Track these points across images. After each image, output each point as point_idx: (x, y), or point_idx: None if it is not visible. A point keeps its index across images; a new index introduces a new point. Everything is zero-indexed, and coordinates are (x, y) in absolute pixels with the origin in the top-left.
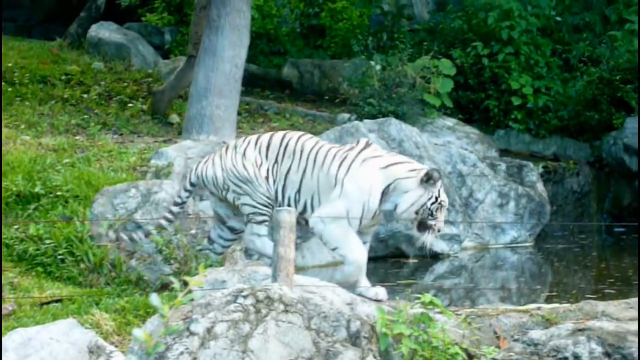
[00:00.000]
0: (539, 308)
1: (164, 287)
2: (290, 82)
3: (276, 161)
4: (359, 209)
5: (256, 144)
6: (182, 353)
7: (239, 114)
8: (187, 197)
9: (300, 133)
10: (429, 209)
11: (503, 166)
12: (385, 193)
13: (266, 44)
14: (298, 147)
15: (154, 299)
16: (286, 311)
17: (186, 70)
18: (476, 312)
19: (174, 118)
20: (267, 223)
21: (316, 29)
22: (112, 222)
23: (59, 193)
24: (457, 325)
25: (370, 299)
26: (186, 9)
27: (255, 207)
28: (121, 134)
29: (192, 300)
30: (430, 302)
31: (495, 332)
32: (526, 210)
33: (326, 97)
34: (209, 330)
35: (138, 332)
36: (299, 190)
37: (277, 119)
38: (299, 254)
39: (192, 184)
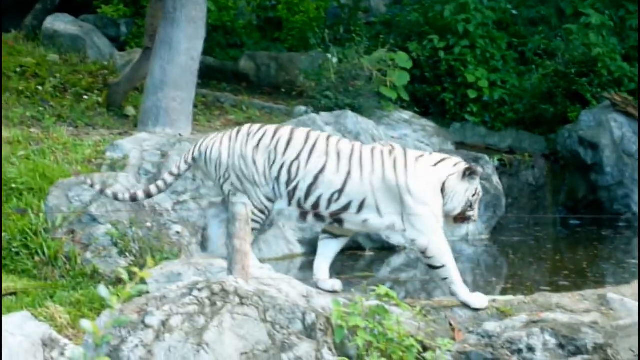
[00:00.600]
0: (494, 300)
1: (120, 280)
2: (247, 74)
3: (298, 158)
4: (440, 207)
5: (273, 136)
6: (136, 346)
7: (195, 106)
8: (185, 171)
9: (326, 133)
10: (470, 201)
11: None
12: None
13: (223, 36)
14: (332, 147)
15: (102, 290)
16: (242, 304)
17: (142, 63)
18: (432, 305)
19: (130, 110)
20: (256, 232)
21: (273, 22)
22: (67, 214)
23: (13, 185)
24: (413, 318)
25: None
26: (142, 1)
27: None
28: (76, 127)
29: (146, 292)
30: (386, 295)
31: (450, 324)
32: (482, 203)
33: (283, 90)
34: (164, 323)
35: (86, 324)
36: (340, 191)
37: (234, 111)
38: (256, 246)
39: (193, 159)
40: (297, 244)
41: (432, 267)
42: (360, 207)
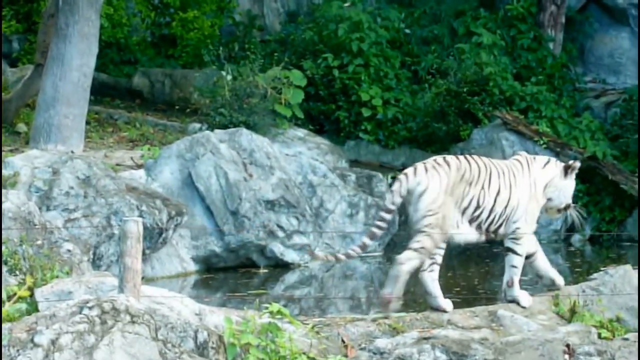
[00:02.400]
0: (386, 317)
1: (9, 298)
2: (141, 91)
3: (484, 186)
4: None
5: (470, 168)
6: None
7: (87, 123)
8: (399, 205)
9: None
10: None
11: (353, 177)
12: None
13: (116, 52)
14: (494, 169)
15: None
16: (132, 322)
17: (34, 79)
18: (324, 322)
19: (21, 127)
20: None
21: (167, 39)
22: None
23: None
24: (305, 335)
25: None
26: (34, 17)
27: (435, 244)
28: None
29: (36, 311)
30: (279, 312)
31: (343, 341)
32: (375, 220)
33: (177, 107)
34: (53, 341)
35: None
36: (506, 207)
37: (127, 128)
38: (149, 264)
39: (409, 191)
40: (191, 262)
41: (513, 252)
42: (516, 216)
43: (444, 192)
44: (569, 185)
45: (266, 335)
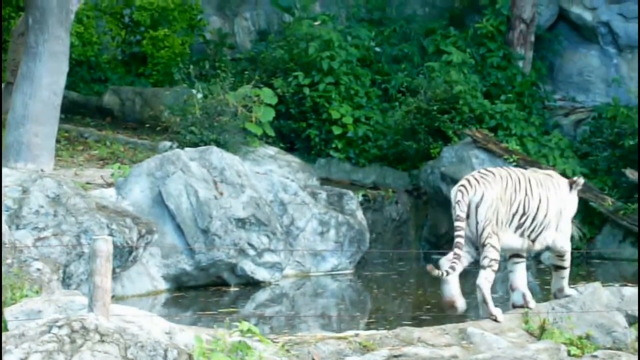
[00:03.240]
0: (356, 335)
1: None
2: (112, 109)
3: (526, 194)
4: None
5: (518, 178)
6: None
7: (57, 141)
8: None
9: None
10: None
11: (324, 194)
12: None
13: (87, 71)
14: (534, 179)
15: None
16: (102, 341)
17: (3, 97)
18: (295, 340)
19: None
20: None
21: (138, 57)
22: None
23: None
24: (275, 353)
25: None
26: (5, 36)
27: (498, 252)
28: None
29: (5, 330)
30: (249, 330)
31: (313, 359)
32: (346, 238)
33: (147, 125)
34: None
35: None
36: (545, 215)
37: (98, 146)
38: (119, 283)
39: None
40: (162, 280)
41: (559, 268)
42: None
43: (498, 198)
44: (574, 200)
45: (236, 353)
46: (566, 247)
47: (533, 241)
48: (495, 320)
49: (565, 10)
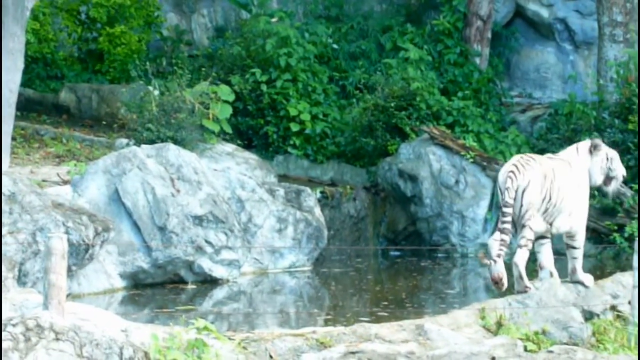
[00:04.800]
0: (314, 331)
1: None
2: (68, 106)
3: (552, 182)
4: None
5: (548, 165)
6: None
7: (13, 139)
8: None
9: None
10: (606, 166)
11: (281, 191)
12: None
13: (43, 68)
14: (556, 167)
15: None
16: (57, 339)
17: None
18: (252, 337)
19: None
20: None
21: (94, 54)
22: None
23: None
24: (232, 350)
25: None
26: None
27: (534, 233)
28: None
29: None
30: (205, 328)
31: (270, 356)
32: (304, 234)
33: (104, 122)
34: None
35: None
36: (563, 199)
37: (54, 144)
38: (75, 281)
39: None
40: (118, 278)
41: (570, 247)
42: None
43: (540, 184)
44: (596, 163)
45: (192, 351)
46: (576, 228)
47: (550, 224)
48: (526, 291)
49: (522, 7)
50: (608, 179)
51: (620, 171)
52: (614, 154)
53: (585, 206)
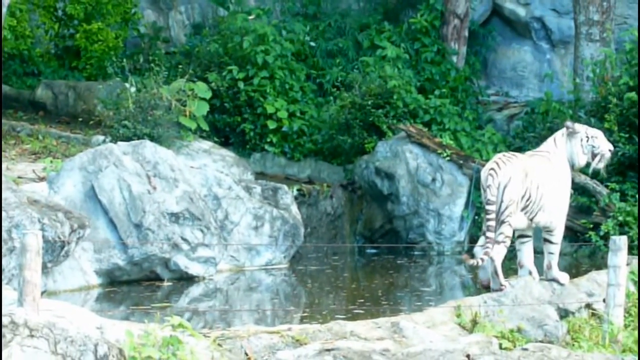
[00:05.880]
0: (289, 329)
1: None
2: (44, 103)
3: (533, 179)
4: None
5: (529, 163)
6: None
7: None
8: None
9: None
10: (589, 145)
11: (258, 189)
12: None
13: (19, 64)
14: (536, 163)
15: None
16: (31, 336)
17: None
18: (227, 334)
19: None
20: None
21: (71, 50)
22: None
23: None
24: (207, 347)
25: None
26: None
27: (512, 230)
28: None
29: None
30: (180, 325)
31: (246, 354)
32: (281, 232)
33: (80, 119)
34: None
35: None
36: (541, 196)
37: (30, 140)
38: (51, 278)
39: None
40: (94, 275)
41: (547, 241)
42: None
43: (520, 181)
44: (576, 145)
45: (167, 348)
46: (556, 223)
47: (531, 220)
48: (501, 289)
49: (499, 5)
50: (593, 157)
51: (604, 147)
52: (595, 132)
53: (566, 201)
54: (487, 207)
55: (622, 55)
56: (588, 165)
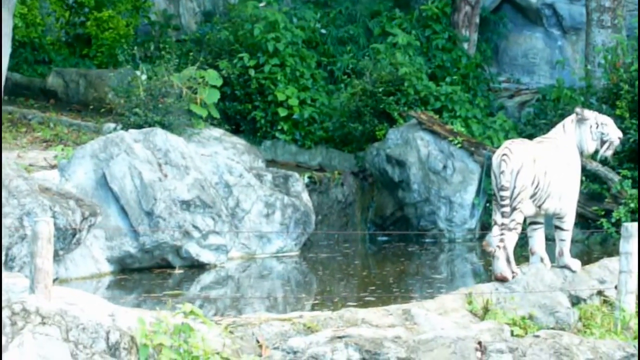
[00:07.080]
0: (300, 316)
1: None
2: (55, 91)
3: (540, 165)
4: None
5: (539, 150)
6: None
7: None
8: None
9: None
10: (598, 132)
11: (269, 176)
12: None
13: (30, 52)
14: (545, 150)
15: None
16: (43, 323)
17: None
18: (239, 322)
19: None
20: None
21: (82, 38)
22: None
23: None
24: (219, 335)
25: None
26: None
27: (523, 216)
28: None
29: None
30: (192, 312)
31: (257, 341)
32: (292, 220)
33: (91, 107)
34: None
35: None
36: (550, 184)
37: (41, 128)
38: (62, 265)
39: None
40: (106, 263)
41: (558, 228)
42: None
43: (530, 167)
44: (585, 131)
45: (179, 335)
46: (566, 209)
47: (539, 207)
48: (513, 276)
49: None
50: (602, 144)
51: (614, 134)
52: (604, 119)
53: (576, 187)
54: (502, 192)
55: (633, 42)
56: (596, 152)
